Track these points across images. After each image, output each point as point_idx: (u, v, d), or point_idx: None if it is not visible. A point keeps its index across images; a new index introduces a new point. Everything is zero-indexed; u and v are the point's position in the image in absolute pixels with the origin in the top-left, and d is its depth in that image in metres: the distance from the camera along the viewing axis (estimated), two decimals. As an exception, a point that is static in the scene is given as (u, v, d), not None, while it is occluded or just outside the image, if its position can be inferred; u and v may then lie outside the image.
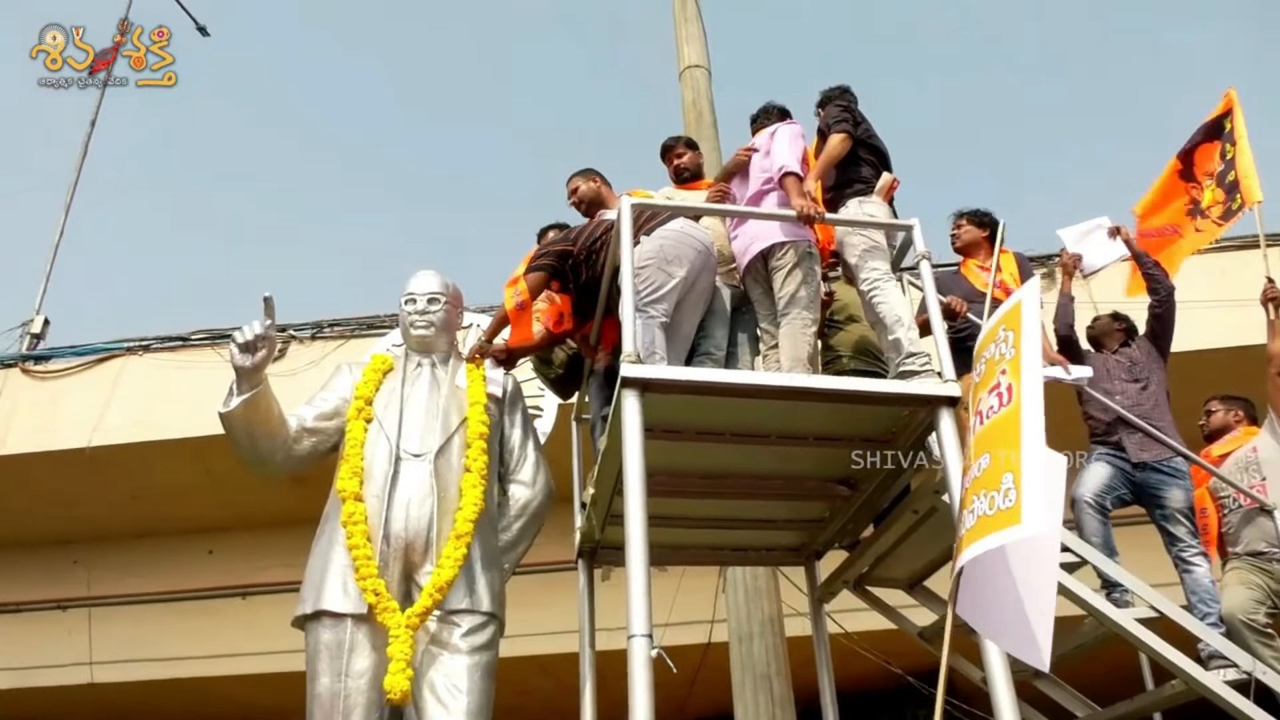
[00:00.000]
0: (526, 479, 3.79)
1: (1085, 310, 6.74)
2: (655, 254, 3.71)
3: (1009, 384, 2.43)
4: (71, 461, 8.49)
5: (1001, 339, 2.57)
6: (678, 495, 3.80)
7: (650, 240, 3.73)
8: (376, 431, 3.51)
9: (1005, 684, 2.73)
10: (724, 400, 3.19)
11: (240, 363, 3.29)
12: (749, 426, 3.39)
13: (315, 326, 9.14)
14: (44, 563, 9.59)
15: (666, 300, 3.67)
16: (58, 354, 9.30)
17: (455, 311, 3.98)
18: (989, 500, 2.27)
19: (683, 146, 4.76)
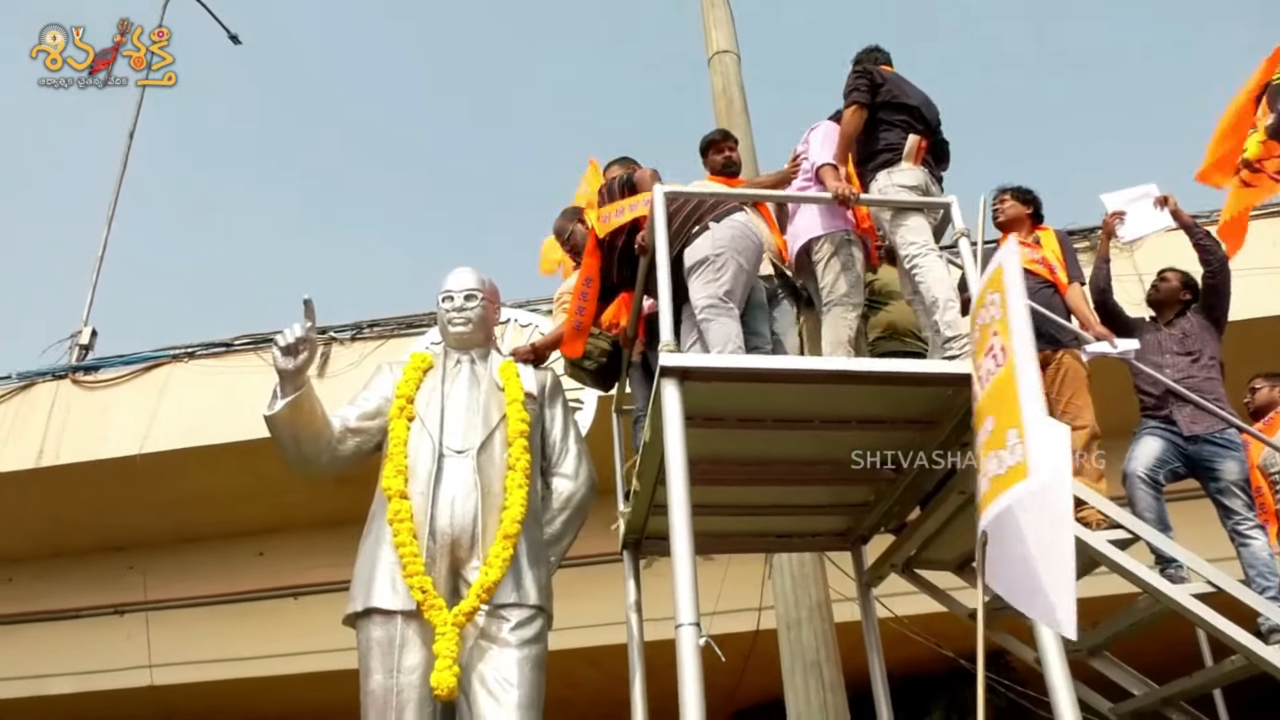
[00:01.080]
0: (569, 472, 3.81)
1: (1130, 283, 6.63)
2: (729, 243, 3.72)
3: (1001, 345, 2.46)
4: (123, 470, 8.66)
5: (990, 303, 2.59)
6: (721, 483, 3.80)
7: (722, 228, 3.74)
8: (419, 429, 3.54)
9: (1059, 664, 2.70)
10: (764, 386, 3.18)
11: (283, 366, 3.33)
12: (790, 412, 3.38)
13: (354, 328, 9.24)
14: (100, 570, 9.80)
15: (738, 291, 3.70)
16: (106, 364, 9.49)
17: (492, 307, 4.01)
18: (998, 460, 2.27)
19: (731, 141, 4.80)
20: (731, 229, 3.77)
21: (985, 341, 2.54)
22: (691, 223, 3.80)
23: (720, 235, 3.73)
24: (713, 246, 3.68)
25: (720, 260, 3.67)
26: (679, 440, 2.91)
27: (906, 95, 4.19)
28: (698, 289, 3.65)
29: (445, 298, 3.92)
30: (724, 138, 4.84)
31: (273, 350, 3.37)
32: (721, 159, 4.73)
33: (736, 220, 3.82)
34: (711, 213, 3.81)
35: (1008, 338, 2.41)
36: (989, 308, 2.58)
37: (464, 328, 3.84)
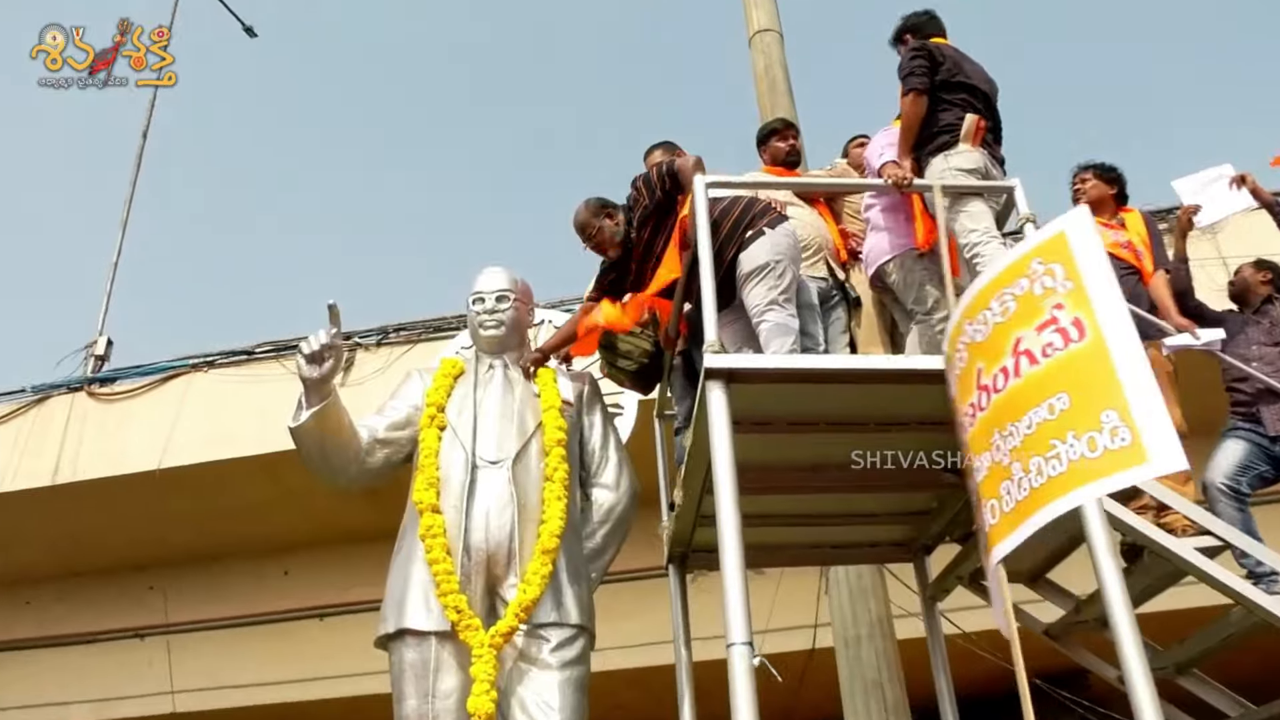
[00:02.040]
0: (609, 482, 3.84)
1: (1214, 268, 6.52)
2: (787, 251, 3.82)
3: (1074, 318, 2.39)
4: (142, 484, 8.82)
5: (1038, 273, 2.51)
6: (772, 491, 3.81)
7: (779, 234, 3.84)
8: (451, 439, 3.58)
9: (1145, 682, 2.66)
10: (817, 387, 3.18)
11: (307, 374, 3.38)
12: (845, 414, 3.38)
13: (380, 332, 9.34)
14: (119, 591, 9.98)
15: (794, 300, 3.78)
16: (122, 375, 9.67)
17: (525, 309, 4.04)
18: (1088, 442, 2.21)
19: (794, 130, 4.83)
20: (787, 237, 3.85)
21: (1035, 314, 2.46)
22: (744, 227, 3.84)
23: (778, 242, 3.80)
24: (773, 252, 3.76)
25: (780, 267, 3.75)
26: (726, 446, 2.92)
27: (965, 73, 4.18)
28: (758, 293, 3.72)
29: (476, 299, 3.95)
30: (787, 126, 4.87)
31: (297, 358, 3.43)
32: (786, 147, 4.75)
33: (788, 229, 3.90)
34: (764, 219, 3.87)
35: (1088, 311, 2.34)
36: (1038, 279, 2.50)
37: (496, 331, 3.88)
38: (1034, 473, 2.29)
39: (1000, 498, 2.35)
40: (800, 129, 5.06)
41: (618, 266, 4.07)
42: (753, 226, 3.84)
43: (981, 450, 2.49)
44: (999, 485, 2.37)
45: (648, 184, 4.03)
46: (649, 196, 3.99)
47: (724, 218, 3.86)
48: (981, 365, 2.57)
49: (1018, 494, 2.30)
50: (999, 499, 2.36)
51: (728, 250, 3.80)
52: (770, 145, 4.79)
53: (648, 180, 4.05)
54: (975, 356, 2.61)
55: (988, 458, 2.46)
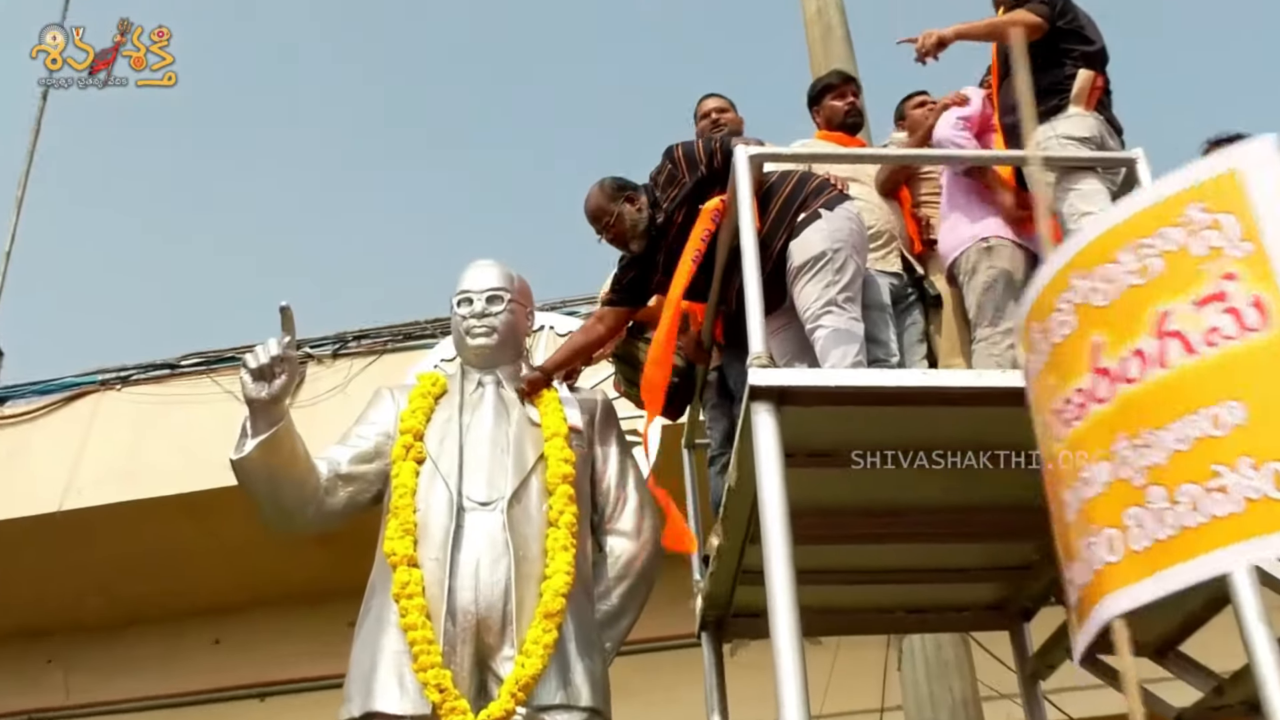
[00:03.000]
0: (628, 529, 3.86)
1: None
2: (848, 238, 3.84)
3: (1254, 296, 2.08)
4: (40, 530, 8.82)
5: (1198, 224, 2.19)
6: (833, 541, 3.82)
7: (837, 218, 3.84)
8: (431, 475, 3.60)
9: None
10: (887, 410, 3.20)
11: (254, 394, 3.39)
12: (924, 443, 3.39)
13: (337, 341, 9.38)
14: (10, 663, 9.97)
15: (858, 298, 3.81)
16: (16, 393, 9.71)
17: (523, 313, 4.07)
18: (1273, 476, 1.95)
19: (853, 86, 4.85)
20: (848, 221, 3.86)
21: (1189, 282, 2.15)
22: (797, 209, 3.86)
23: (838, 227, 3.81)
24: (830, 240, 3.78)
25: (840, 258, 3.77)
26: (776, 485, 2.94)
27: (1081, 22, 4.24)
28: (812, 291, 3.74)
29: (462, 300, 3.98)
30: (844, 81, 4.89)
31: (240, 374, 3.44)
32: (844, 106, 4.77)
33: (850, 211, 3.90)
34: (820, 199, 3.88)
35: (1272, 286, 2.07)
36: (1198, 231, 2.17)
37: (487, 339, 3.91)
38: (1187, 506, 2.05)
39: (1125, 528, 2.16)
40: (862, 85, 5.10)
41: (640, 263, 4.10)
42: (806, 208, 3.86)
43: (1097, 456, 2.24)
44: (1122, 511, 2.18)
45: (689, 157, 4.05)
46: (688, 173, 4.01)
47: (771, 197, 3.88)
48: (1101, 338, 2.27)
49: (1158, 530, 2.09)
50: (1123, 529, 2.17)
51: (776, 238, 3.83)
52: (824, 105, 4.81)
53: (689, 153, 4.06)
54: (1090, 323, 2.31)
55: (1106, 469, 2.24)
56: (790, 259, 3.80)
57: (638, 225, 4.05)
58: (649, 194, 4.08)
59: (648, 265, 4.09)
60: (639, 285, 4.15)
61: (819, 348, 3.66)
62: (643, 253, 4.08)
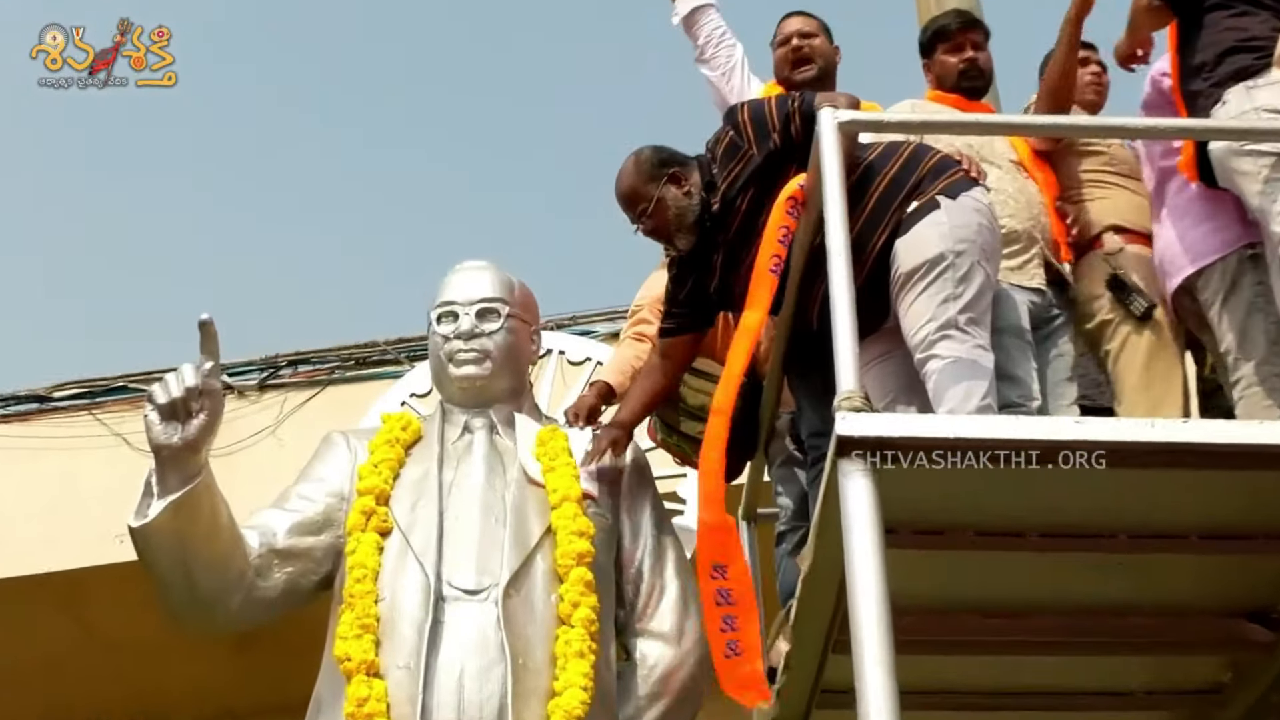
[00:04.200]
0: (666, 629, 3.83)
1: None
2: (974, 235, 3.81)
3: None
4: None
5: None
6: (948, 650, 3.79)
7: (960, 209, 3.82)
8: (400, 552, 3.58)
9: None
10: (1032, 474, 3.12)
11: (163, 439, 3.35)
12: (1077, 519, 3.36)
13: (266, 367, 9.39)
14: None
15: (986, 316, 3.79)
16: None
17: (526, 331, 4.08)
18: None
19: (976, 33, 4.87)
20: (976, 213, 3.84)
21: None
22: (906, 196, 3.85)
23: (962, 222, 3.79)
24: (950, 239, 3.75)
25: (963, 264, 3.74)
26: (873, 571, 2.86)
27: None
28: (924, 309, 3.72)
29: (444, 315, 3.98)
30: (965, 27, 4.90)
31: (145, 413, 3.40)
32: (960, 63, 4.78)
33: (979, 201, 3.89)
34: (938, 182, 3.86)
35: None
36: None
37: (478, 368, 3.90)
38: None
39: None
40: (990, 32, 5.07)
41: (693, 265, 4.08)
42: (919, 194, 3.84)
43: None
44: None
45: (757, 121, 4.03)
46: (755, 143, 3.99)
47: (871, 179, 3.86)
48: None
49: None
50: None
51: (875, 235, 3.81)
52: (937, 59, 4.83)
53: (758, 116, 4.04)
54: None
55: None
56: (895, 264, 3.78)
57: (685, 214, 4.03)
58: (703, 170, 4.05)
59: (703, 269, 4.07)
60: (701, 298, 4.13)
61: (932, 385, 3.64)
62: (693, 250, 4.05)
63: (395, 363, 8.98)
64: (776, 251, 3.78)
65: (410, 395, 8.30)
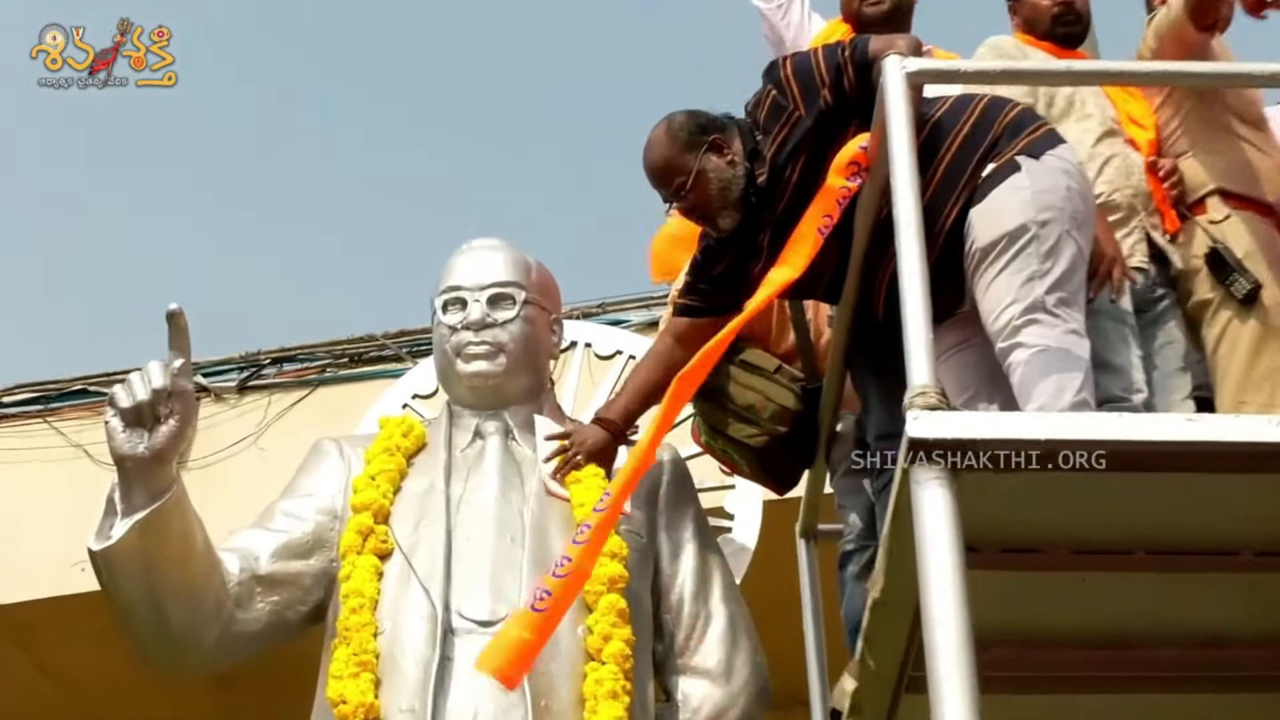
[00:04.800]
0: (711, 665, 3.84)
1: None
2: (1063, 202, 3.77)
3: None
4: None
5: None
6: (1042, 688, 3.77)
7: (1045, 170, 3.79)
8: (402, 578, 3.59)
9: None
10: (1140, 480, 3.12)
11: (127, 449, 3.36)
12: (1198, 535, 3.32)
13: (247, 365, 9.40)
14: None
15: (1079, 295, 3.76)
16: None
17: (545, 320, 4.10)
18: None
19: None
20: (1064, 174, 3.81)
21: None
22: (981, 157, 3.83)
23: (1048, 186, 3.76)
24: (1035, 206, 3.72)
25: (1051, 235, 3.70)
26: (952, 597, 2.85)
27: None
28: (1006, 289, 3.68)
29: (450, 302, 4.00)
30: None
31: (107, 419, 3.41)
32: (1054, 5, 4.76)
33: (1067, 161, 3.86)
34: (1018, 140, 3.84)
35: None
36: None
37: (490, 364, 3.91)
38: None
39: None
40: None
41: (734, 246, 4.06)
42: (996, 154, 3.82)
43: None
44: None
45: (803, 76, 4.01)
46: (803, 102, 3.97)
47: (941, 139, 3.84)
48: None
49: None
50: None
51: (948, 203, 3.79)
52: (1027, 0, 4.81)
53: (804, 70, 4.02)
54: None
55: None
56: (970, 236, 3.75)
57: (729, 189, 3.99)
58: (744, 137, 4.03)
59: (746, 250, 4.04)
60: (731, 281, 4.09)
61: (1017, 378, 3.60)
62: (738, 230, 4.02)
63: (395, 359, 8.97)
64: (829, 211, 3.76)
65: (413, 396, 8.23)
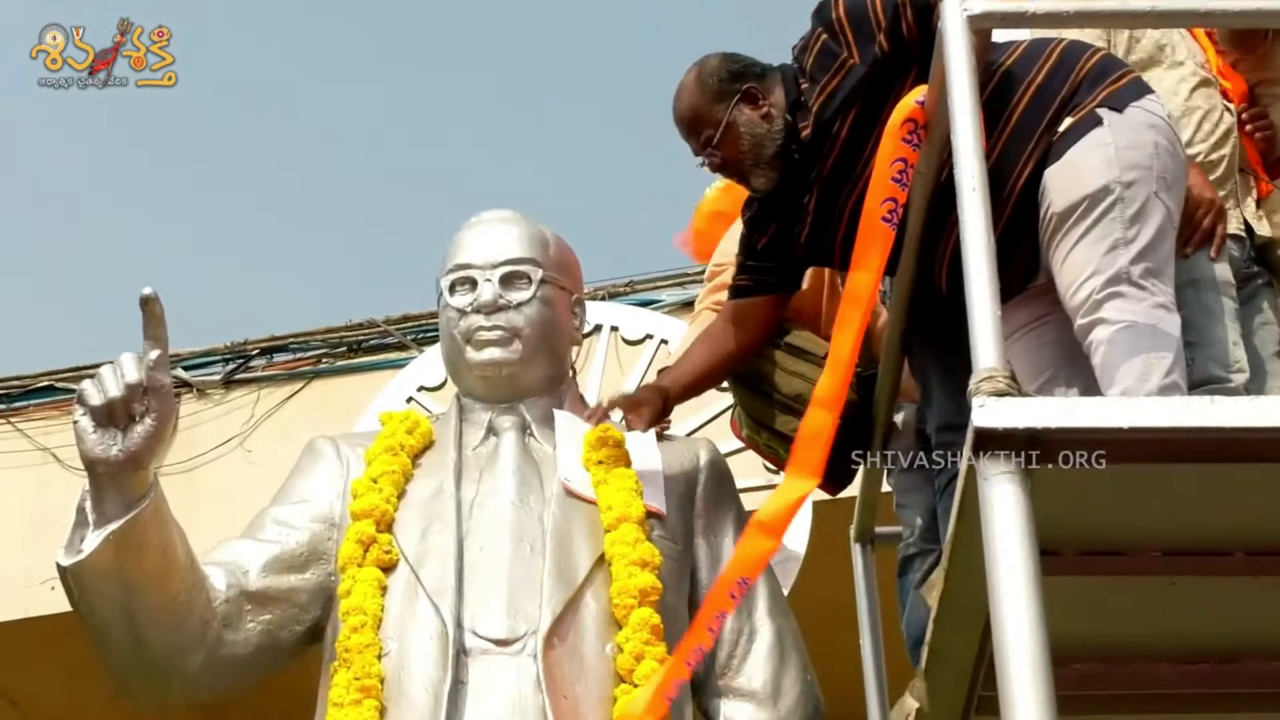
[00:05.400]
0: (757, 686, 3.85)
1: None
2: (1151, 158, 3.77)
3: None
4: None
5: None
6: (1127, 707, 3.80)
7: (1129, 124, 3.79)
8: (408, 593, 3.61)
9: None
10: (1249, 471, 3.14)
11: (98, 451, 3.36)
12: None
13: (233, 357, 9.45)
14: None
15: (1169, 266, 3.75)
16: None
17: (565, 300, 4.12)
18: None
19: None
20: (1151, 129, 3.81)
21: None
22: (1056, 111, 3.84)
23: (1131, 141, 3.76)
24: (1118, 166, 3.72)
25: (1135, 197, 3.70)
26: (1026, 607, 2.87)
27: None
28: (1085, 258, 3.68)
29: (458, 282, 4.02)
30: None
31: (75, 418, 3.42)
32: None
33: (1155, 114, 3.86)
34: (1099, 89, 3.85)
35: None
36: None
37: (502, 351, 3.93)
38: None
39: None
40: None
41: (776, 209, 4.09)
42: (1074, 109, 3.83)
43: None
44: None
45: (856, 18, 4.01)
46: (856, 49, 3.98)
47: (1010, 92, 3.86)
48: None
49: None
50: None
51: (1019, 163, 3.81)
52: None
53: (857, 10, 4.02)
54: None
55: None
56: (1045, 201, 3.76)
57: (763, 145, 4.02)
58: (788, 85, 4.06)
59: (791, 214, 4.07)
60: (786, 251, 4.13)
61: (1100, 357, 3.60)
62: (776, 191, 4.05)
63: (399, 347, 9.01)
64: (891, 194, 3.73)
65: (418, 389, 8.29)
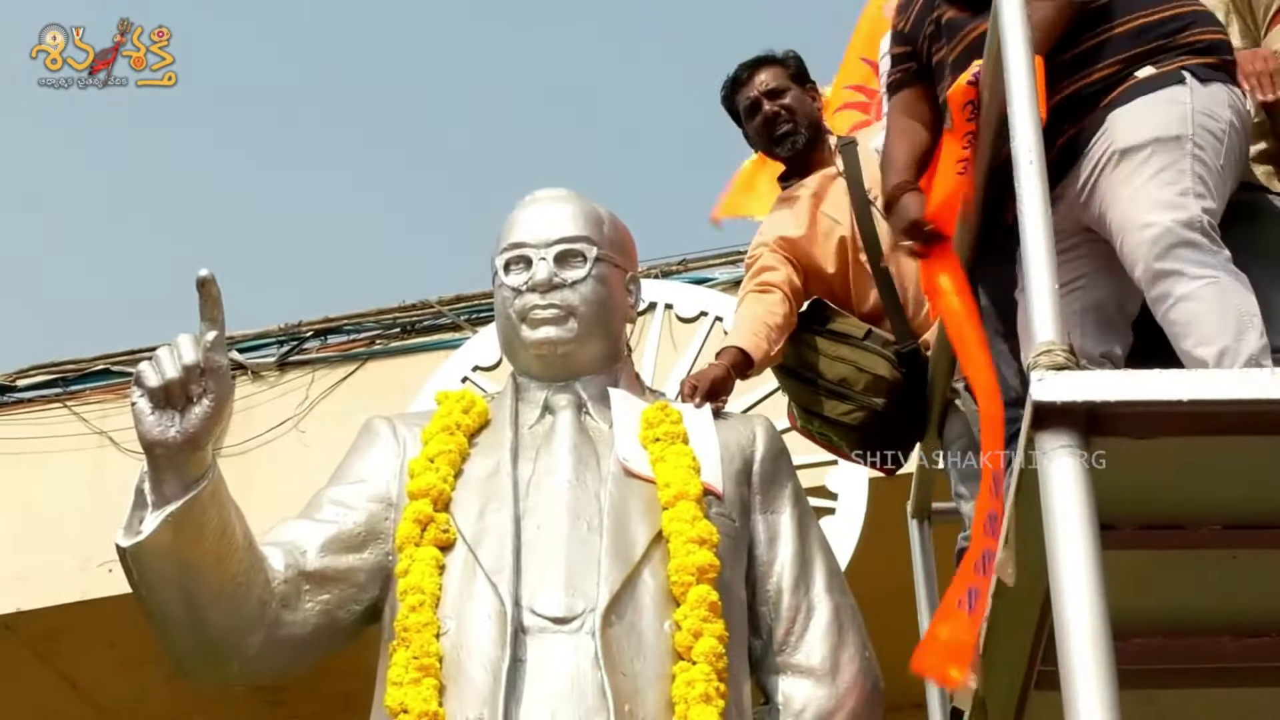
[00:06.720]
0: (815, 663, 3.81)
1: None
2: (1224, 134, 3.75)
3: None
4: None
5: None
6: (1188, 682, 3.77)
7: (1210, 96, 3.80)
8: (466, 572, 3.59)
9: None
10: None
11: (156, 433, 3.34)
12: None
13: (288, 339, 9.45)
14: None
15: None
16: None
17: (621, 279, 4.09)
18: None
19: None
20: (1230, 109, 3.82)
21: None
22: (1125, 58, 3.81)
23: (1209, 108, 3.76)
24: (1192, 125, 3.69)
25: (1206, 159, 3.66)
26: (1087, 581, 2.87)
27: None
28: (1150, 198, 3.63)
29: (513, 261, 3.99)
30: None
31: (133, 399, 3.40)
32: None
33: (1236, 93, 3.86)
34: (1189, 57, 3.80)
35: None
36: None
37: (558, 329, 3.90)
38: None
39: None
40: None
41: None
42: (1140, 60, 3.80)
43: None
44: None
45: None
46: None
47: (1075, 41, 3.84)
48: None
49: None
50: None
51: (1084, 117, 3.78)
52: None
53: None
54: None
55: None
56: (1105, 140, 3.73)
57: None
58: None
59: None
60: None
61: (1182, 313, 3.53)
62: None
63: (453, 328, 9.01)
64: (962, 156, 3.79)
65: (473, 368, 8.30)
